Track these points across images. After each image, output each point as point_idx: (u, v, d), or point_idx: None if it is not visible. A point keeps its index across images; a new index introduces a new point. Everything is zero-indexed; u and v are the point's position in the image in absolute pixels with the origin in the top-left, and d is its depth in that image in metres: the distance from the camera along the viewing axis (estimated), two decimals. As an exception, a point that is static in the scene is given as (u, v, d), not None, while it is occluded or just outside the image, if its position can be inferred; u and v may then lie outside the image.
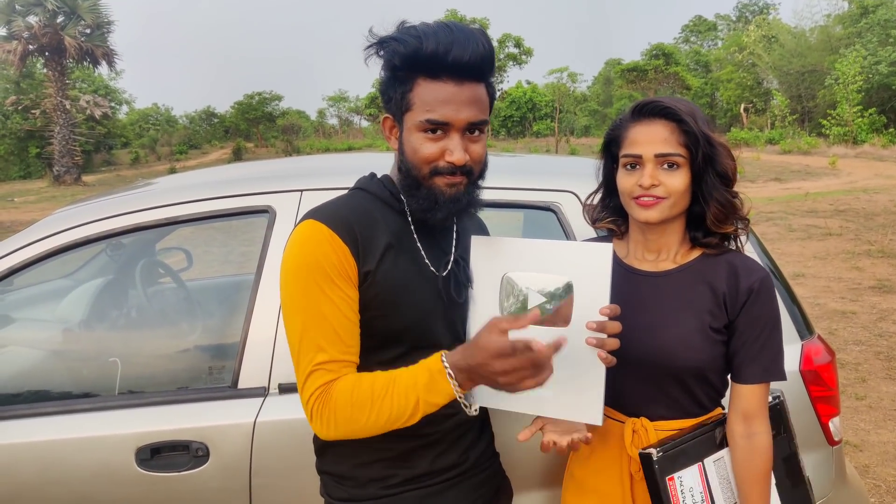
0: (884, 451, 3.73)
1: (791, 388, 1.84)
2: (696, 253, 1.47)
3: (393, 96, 1.27)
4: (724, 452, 1.45)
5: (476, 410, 1.28)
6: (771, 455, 1.42)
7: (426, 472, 1.35)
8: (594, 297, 1.26)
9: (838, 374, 2.05)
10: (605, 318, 1.24)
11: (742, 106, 43.89)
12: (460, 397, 1.18)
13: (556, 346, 1.09)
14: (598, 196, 1.59)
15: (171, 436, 1.80)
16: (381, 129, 1.37)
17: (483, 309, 1.35)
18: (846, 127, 31.45)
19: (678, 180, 1.37)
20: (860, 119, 31.41)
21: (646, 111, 1.41)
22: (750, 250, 1.97)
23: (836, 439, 1.92)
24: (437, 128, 1.23)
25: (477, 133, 1.27)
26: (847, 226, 10.97)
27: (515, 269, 1.32)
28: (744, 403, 1.41)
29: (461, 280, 1.37)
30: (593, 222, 1.59)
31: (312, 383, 1.20)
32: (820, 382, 1.88)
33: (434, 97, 1.22)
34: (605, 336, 1.23)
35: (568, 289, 1.28)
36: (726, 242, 1.46)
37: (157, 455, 1.80)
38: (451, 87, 1.22)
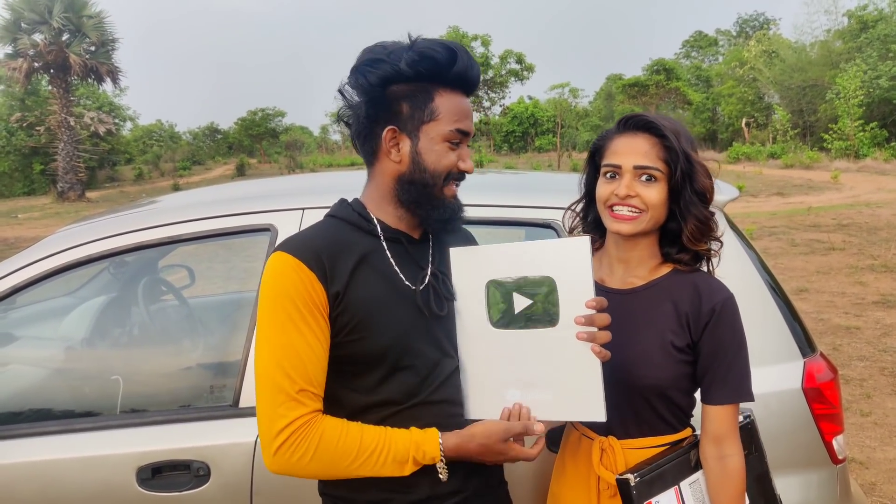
0: (890, 468, 3.70)
1: (793, 406, 1.84)
2: (665, 269, 1.48)
3: (404, 109, 1.29)
4: (699, 475, 1.45)
5: (445, 479, 1.31)
6: (744, 476, 1.42)
7: (426, 497, 1.33)
8: (578, 292, 1.27)
9: (843, 391, 2.04)
10: (593, 312, 1.25)
11: (744, 120, 43.96)
12: (442, 467, 1.29)
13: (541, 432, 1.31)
14: (580, 206, 1.61)
15: (173, 455, 1.80)
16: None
17: (469, 320, 1.37)
18: (848, 141, 31.47)
19: (654, 193, 1.39)
20: (862, 133, 31.43)
21: (630, 124, 1.44)
22: (749, 265, 1.97)
23: (840, 457, 1.90)
24: (460, 139, 1.30)
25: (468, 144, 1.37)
26: (850, 240, 10.95)
27: (497, 276, 1.33)
28: (714, 426, 1.41)
29: (441, 293, 1.38)
30: (570, 230, 1.61)
31: (286, 414, 1.21)
32: (823, 400, 1.87)
33: (458, 108, 1.30)
34: (595, 330, 1.26)
35: (551, 286, 1.29)
36: (699, 263, 1.48)
37: (158, 475, 1.80)
38: (466, 101, 1.33)
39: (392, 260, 1.34)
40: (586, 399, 1.29)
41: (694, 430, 1.51)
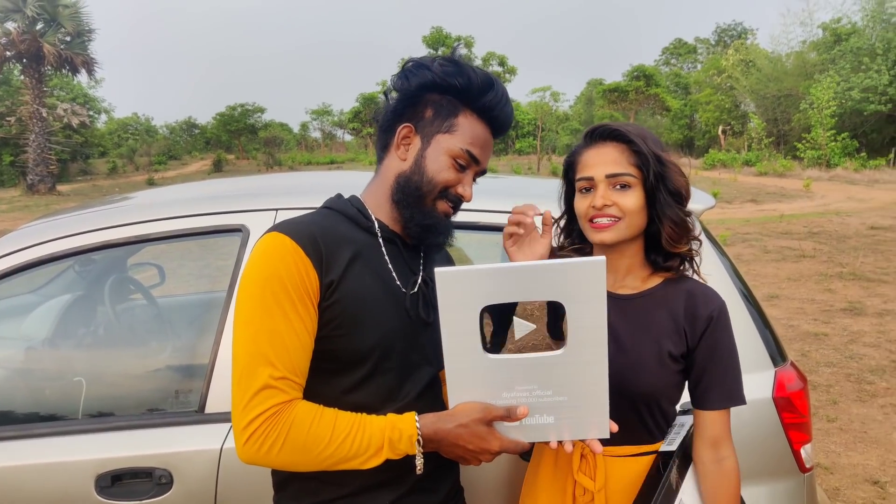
0: (853, 473, 3.76)
1: (763, 415, 1.85)
2: (658, 279, 1.48)
3: (427, 113, 1.32)
4: (681, 494, 1.44)
5: (420, 470, 1.21)
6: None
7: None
8: (591, 315, 1.16)
9: (810, 397, 2.06)
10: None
11: (720, 128, 44.57)
12: (419, 458, 1.20)
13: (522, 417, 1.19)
14: (563, 222, 1.59)
15: (134, 462, 1.75)
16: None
17: (458, 348, 1.18)
18: (820, 150, 32.05)
19: (630, 200, 1.39)
20: (833, 143, 32.04)
21: (596, 135, 1.44)
22: (723, 273, 1.98)
23: (807, 466, 1.91)
24: (468, 162, 1.32)
25: (476, 180, 1.39)
26: (820, 248, 11.13)
27: (494, 300, 1.15)
28: (710, 430, 1.43)
29: (430, 300, 1.37)
30: (558, 248, 1.59)
31: (263, 402, 1.14)
32: (792, 409, 1.88)
33: (477, 135, 1.33)
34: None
35: (559, 310, 1.18)
36: (683, 265, 1.48)
37: (119, 482, 1.75)
38: (488, 135, 1.35)
39: (387, 259, 1.33)
40: (591, 419, 1.22)
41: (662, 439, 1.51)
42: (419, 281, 1.37)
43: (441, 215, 1.34)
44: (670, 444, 1.47)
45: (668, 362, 1.42)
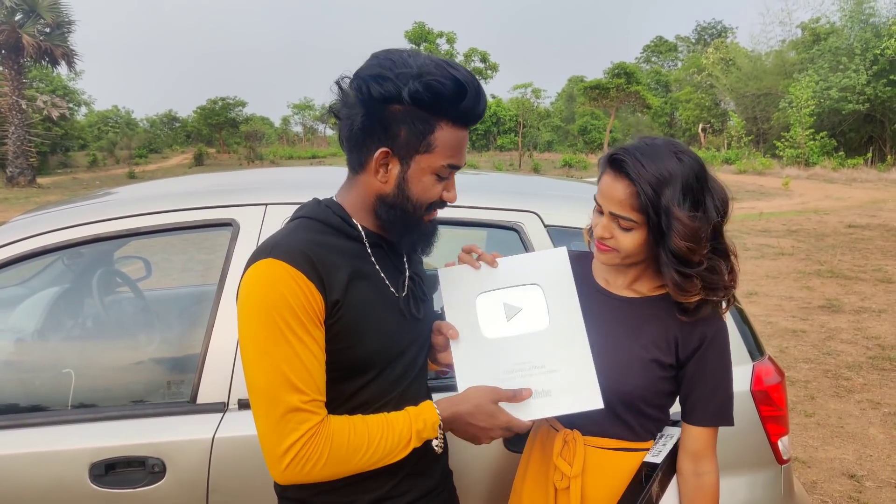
0: (830, 467, 3.85)
1: (741, 408, 1.89)
2: (665, 289, 1.43)
3: (402, 133, 1.23)
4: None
5: (440, 450, 1.31)
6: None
7: (387, 496, 1.34)
8: (563, 295, 1.41)
9: (788, 392, 2.11)
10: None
11: (700, 126, 44.97)
12: (438, 441, 1.29)
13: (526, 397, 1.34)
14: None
15: (127, 451, 1.77)
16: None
17: (465, 334, 1.39)
18: (799, 149, 32.47)
19: (629, 240, 1.38)
20: (812, 142, 32.48)
21: (614, 164, 1.37)
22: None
23: (784, 458, 1.97)
24: (450, 172, 1.29)
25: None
26: (799, 246, 11.31)
27: (486, 288, 1.41)
28: (693, 444, 1.44)
29: (419, 296, 1.40)
30: (588, 245, 1.59)
31: (298, 427, 1.17)
32: (770, 402, 1.94)
33: (455, 143, 1.26)
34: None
35: (538, 293, 1.41)
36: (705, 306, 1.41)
37: (112, 471, 1.77)
38: (464, 134, 1.28)
39: (377, 266, 1.33)
40: (582, 390, 1.37)
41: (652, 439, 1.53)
42: (407, 279, 1.39)
43: (429, 224, 1.35)
44: (656, 455, 1.48)
45: (655, 368, 1.43)
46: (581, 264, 1.54)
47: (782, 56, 40.89)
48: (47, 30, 27.40)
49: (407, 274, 1.40)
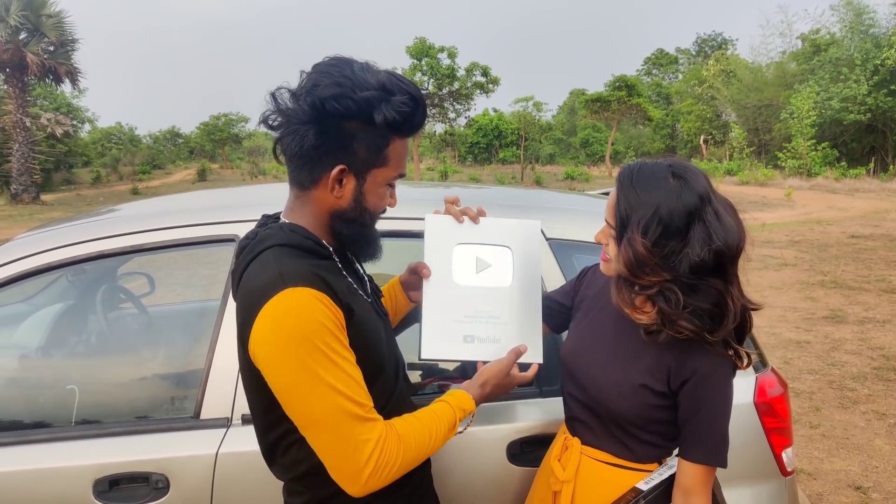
0: (836, 479, 3.82)
1: (745, 420, 1.90)
2: None
3: (360, 150, 1.25)
4: None
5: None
6: None
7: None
8: (528, 261, 1.61)
9: (792, 404, 2.11)
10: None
11: (702, 137, 45.09)
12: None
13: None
14: None
15: (131, 467, 1.77)
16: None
17: (436, 276, 1.56)
18: (801, 160, 32.51)
19: (613, 249, 1.41)
20: (814, 152, 32.52)
21: (622, 179, 1.40)
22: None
23: (789, 470, 1.96)
24: (397, 180, 1.35)
25: None
26: (802, 256, 11.28)
27: (464, 241, 1.59)
28: (685, 479, 1.41)
29: (379, 294, 1.52)
30: None
31: (371, 435, 1.20)
32: (773, 414, 1.93)
33: (404, 153, 1.33)
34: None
35: (507, 254, 1.60)
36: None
37: (116, 487, 1.77)
38: (408, 143, 1.34)
39: (350, 278, 1.36)
40: (528, 345, 1.57)
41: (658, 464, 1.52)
42: (368, 282, 1.47)
43: (376, 233, 1.39)
44: (647, 482, 1.46)
45: (645, 394, 1.41)
46: (604, 277, 1.57)
47: (783, 67, 41.00)
48: (51, 48, 27.57)
49: (366, 277, 1.48)
